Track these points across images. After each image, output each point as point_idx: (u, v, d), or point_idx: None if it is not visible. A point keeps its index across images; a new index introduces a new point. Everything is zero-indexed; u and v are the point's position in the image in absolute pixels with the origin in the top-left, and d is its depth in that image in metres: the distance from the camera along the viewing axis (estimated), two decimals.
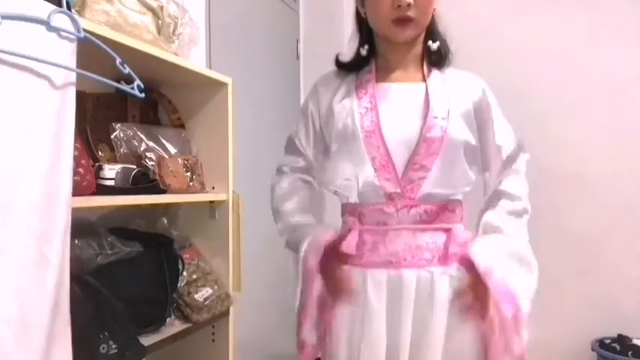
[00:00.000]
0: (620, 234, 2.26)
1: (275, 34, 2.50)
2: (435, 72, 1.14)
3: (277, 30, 2.53)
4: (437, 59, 1.14)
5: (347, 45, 1.20)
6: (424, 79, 1.13)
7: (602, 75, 2.27)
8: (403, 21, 1.05)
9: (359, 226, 1.11)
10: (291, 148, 1.25)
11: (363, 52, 1.15)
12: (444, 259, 1.07)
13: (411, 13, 1.04)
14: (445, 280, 1.06)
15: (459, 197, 1.13)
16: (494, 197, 1.15)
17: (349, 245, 1.08)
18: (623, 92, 2.26)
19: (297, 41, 2.71)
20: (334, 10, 2.62)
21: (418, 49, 1.14)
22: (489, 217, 1.13)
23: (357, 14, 1.17)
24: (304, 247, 1.10)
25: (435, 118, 1.06)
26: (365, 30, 1.15)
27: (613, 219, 2.27)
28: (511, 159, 1.16)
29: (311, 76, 2.70)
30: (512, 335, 1.04)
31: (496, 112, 1.16)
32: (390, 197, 1.08)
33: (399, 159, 1.07)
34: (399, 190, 1.07)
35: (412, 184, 1.07)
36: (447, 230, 1.09)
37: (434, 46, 1.12)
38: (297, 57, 2.72)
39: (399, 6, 1.03)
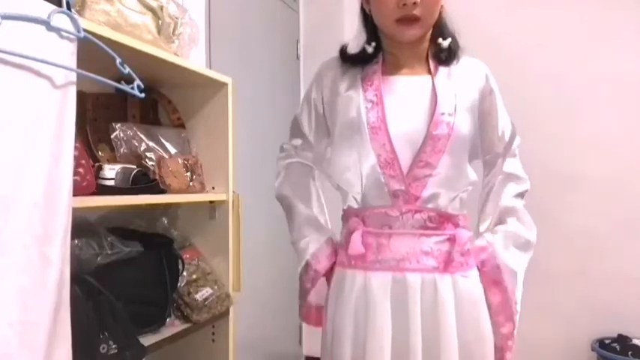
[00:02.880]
0: (621, 234, 2.26)
1: (275, 34, 2.50)
2: (441, 67, 1.12)
3: (277, 30, 2.53)
4: (446, 56, 1.12)
5: (351, 42, 1.17)
6: (429, 72, 1.11)
7: (603, 74, 2.27)
8: (408, 20, 1.02)
9: (363, 227, 1.09)
10: (295, 129, 1.26)
11: (370, 49, 1.12)
12: (448, 266, 1.06)
13: (416, 12, 1.01)
14: (448, 281, 1.05)
15: (463, 197, 1.12)
16: (504, 180, 1.18)
17: (356, 247, 1.07)
18: (625, 91, 2.26)
19: (297, 41, 2.71)
20: (334, 10, 2.62)
21: (425, 46, 1.12)
22: (505, 201, 1.17)
23: (363, 10, 1.14)
24: (303, 264, 1.19)
25: (442, 114, 1.04)
26: (370, 27, 1.13)
27: (613, 219, 2.27)
28: (510, 144, 1.19)
29: (311, 76, 2.69)
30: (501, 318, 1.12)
31: (499, 99, 1.17)
32: (394, 195, 1.06)
33: (405, 156, 1.05)
34: (403, 188, 1.05)
35: (417, 182, 1.05)
36: (452, 237, 1.07)
37: (445, 43, 1.09)
38: (297, 57, 2.72)
39: (404, 5, 1.00)
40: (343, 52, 1.17)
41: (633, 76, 2.24)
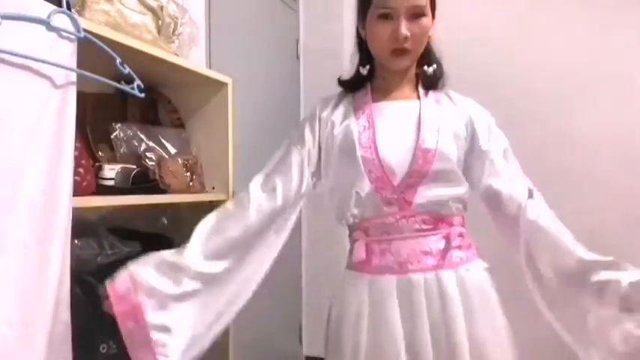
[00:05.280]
0: (621, 233, 2.26)
1: (275, 34, 2.50)
2: (431, 93, 1.21)
3: (277, 30, 2.53)
4: (431, 81, 1.22)
5: (349, 62, 1.26)
6: (419, 97, 1.20)
7: (610, 72, 2.26)
8: (400, 52, 1.12)
9: (365, 238, 1.16)
10: (282, 167, 1.17)
11: (364, 71, 1.22)
12: (447, 263, 1.13)
13: (407, 45, 1.11)
14: (451, 276, 1.11)
15: (457, 203, 1.16)
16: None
17: (359, 254, 1.14)
18: (632, 89, 2.25)
19: (297, 41, 2.71)
20: (334, 10, 2.61)
21: (412, 72, 1.22)
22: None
23: (358, 35, 1.23)
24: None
25: (429, 130, 1.13)
26: (365, 51, 1.22)
27: (614, 218, 2.26)
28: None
29: (311, 76, 2.70)
30: None
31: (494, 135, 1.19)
32: (388, 203, 1.13)
33: (397, 170, 1.12)
34: (395, 196, 1.13)
35: (410, 189, 1.12)
36: (447, 235, 1.14)
37: (429, 70, 1.20)
38: (297, 57, 2.72)
39: (397, 39, 1.10)
40: (339, 80, 1.27)
41: (636, 74, 2.24)
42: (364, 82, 1.24)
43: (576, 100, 2.31)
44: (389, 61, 1.15)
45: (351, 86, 1.25)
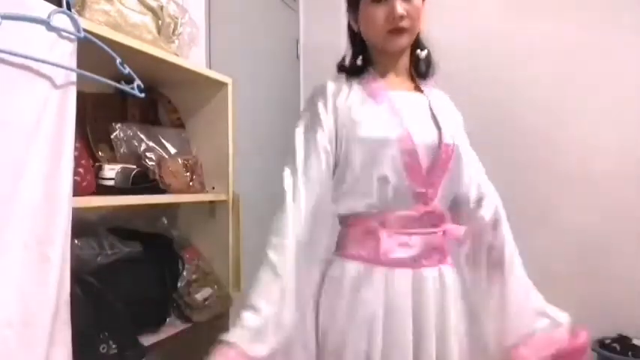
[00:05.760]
0: (621, 234, 2.26)
1: (275, 34, 2.50)
2: (424, 85, 1.24)
3: (277, 30, 2.53)
4: (424, 68, 1.24)
5: (345, 54, 1.26)
6: (417, 89, 1.23)
7: (607, 74, 2.26)
8: (398, 31, 1.13)
9: (383, 230, 1.14)
10: (310, 144, 1.12)
11: (359, 62, 1.22)
12: (447, 257, 1.18)
13: (404, 24, 1.12)
14: (450, 271, 1.17)
15: (458, 209, 1.23)
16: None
17: (386, 246, 1.12)
18: (628, 91, 2.25)
19: (297, 41, 2.71)
20: (334, 10, 2.61)
21: (406, 59, 1.23)
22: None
23: (350, 29, 1.24)
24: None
25: (445, 125, 1.16)
26: (359, 43, 1.23)
27: (614, 219, 2.26)
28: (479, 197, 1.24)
29: (311, 76, 2.70)
30: None
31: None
32: (415, 197, 1.13)
33: (424, 162, 1.13)
34: (424, 191, 1.13)
35: (434, 185, 1.14)
36: (444, 232, 1.18)
37: (422, 54, 1.22)
38: (297, 57, 2.72)
39: (393, 18, 1.12)
40: (340, 65, 1.25)
41: (631, 75, 2.24)
42: (365, 69, 1.22)
43: (572, 103, 2.31)
44: (386, 41, 1.15)
45: (352, 73, 1.21)
